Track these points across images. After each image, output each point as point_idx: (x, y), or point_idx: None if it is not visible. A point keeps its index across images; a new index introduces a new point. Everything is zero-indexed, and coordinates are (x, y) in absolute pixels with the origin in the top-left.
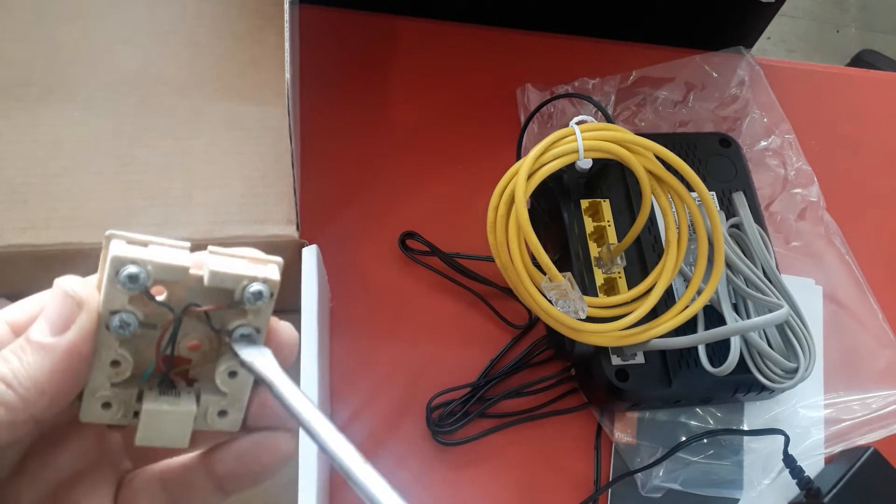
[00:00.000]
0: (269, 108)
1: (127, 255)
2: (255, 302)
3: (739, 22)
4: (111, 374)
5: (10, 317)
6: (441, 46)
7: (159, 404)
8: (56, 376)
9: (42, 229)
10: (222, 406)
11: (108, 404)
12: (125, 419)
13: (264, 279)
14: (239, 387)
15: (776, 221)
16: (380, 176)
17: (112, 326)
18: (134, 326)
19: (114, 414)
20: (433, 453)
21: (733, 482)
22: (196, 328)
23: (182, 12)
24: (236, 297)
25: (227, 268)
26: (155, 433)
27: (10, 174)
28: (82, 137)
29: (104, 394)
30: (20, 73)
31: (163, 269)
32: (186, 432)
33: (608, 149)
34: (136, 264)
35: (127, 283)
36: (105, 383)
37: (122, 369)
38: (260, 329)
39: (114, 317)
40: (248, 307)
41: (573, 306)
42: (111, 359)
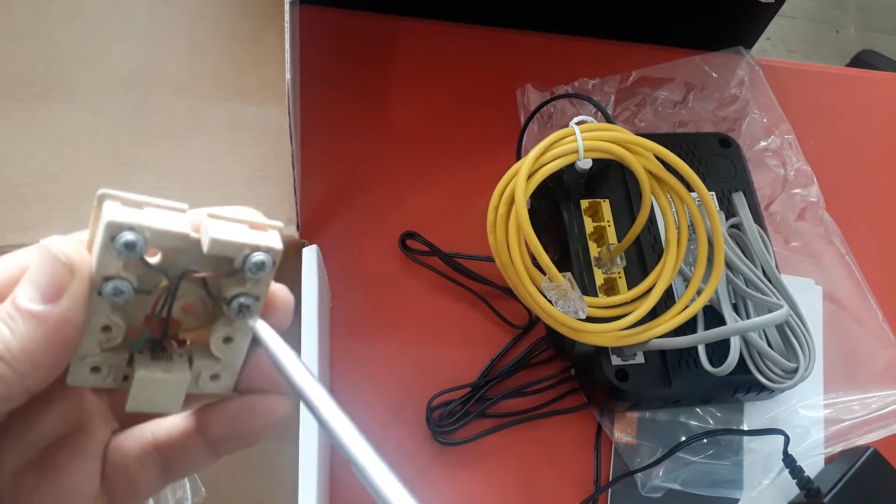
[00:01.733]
0: (270, 108)
1: (123, 220)
2: (257, 272)
3: (739, 22)
4: (102, 339)
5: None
6: (441, 46)
7: (152, 371)
8: (50, 347)
9: (42, 229)
10: (215, 370)
11: (98, 368)
12: (115, 383)
13: (267, 248)
14: (233, 352)
15: (776, 221)
16: (380, 176)
17: (105, 293)
18: (128, 294)
19: (103, 378)
20: (433, 453)
21: (733, 482)
22: (190, 290)
23: (182, 12)
24: (236, 265)
25: (228, 235)
26: (146, 400)
27: (10, 174)
28: (82, 137)
29: (94, 359)
30: (20, 72)
31: (161, 236)
32: (179, 398)
33: (608, 149)
34: (133, 230)
35: (123, 250)
36: (95, 349)
37: (113, 335)
38: (259, 297)
39: (107, 283)
40: (249, 276)
41: (573, 306)
42: (102, 324)
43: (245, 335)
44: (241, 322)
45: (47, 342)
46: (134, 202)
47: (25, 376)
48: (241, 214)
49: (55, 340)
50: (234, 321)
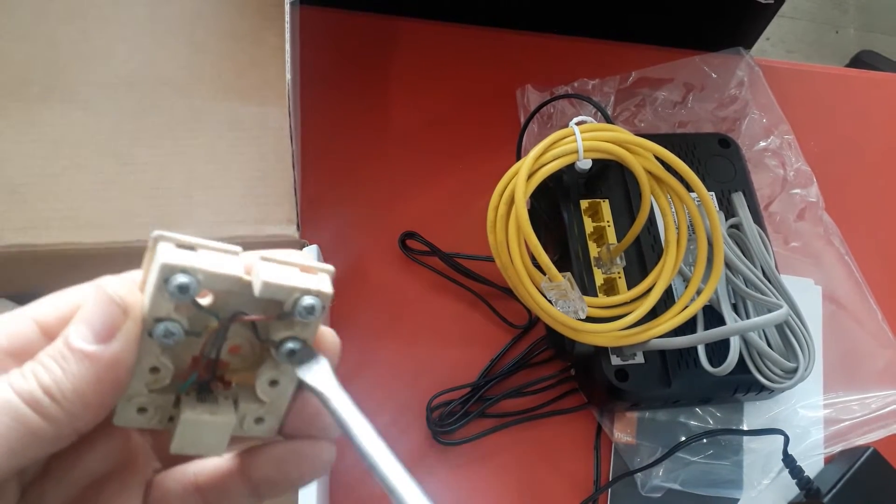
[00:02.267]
0: (270, 108)
1: (177, 262)
2: (307, 316)
3: (739, 23)
4: (149, 380)
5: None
6: (441, 47)
7: (198, 413)
8: (101, 388)
9: (42, 229)
10: (260, 413)
11: (144, 409)
12: (160, 424)
13: (317, 292)
14: (279, 395)
15: (775, 222)
16: (380, 176)
17: (156, 334)
18: (179, 336)
19: (149, 419)
20: (433, 453)
21: (733, 482)
22: (239, 332)
23: (182, 12)
24: (286, 309)
25: (280, 279)
26: (191, 442)
27: (10, 174)
28: (82, 137)
29: (141, 400)
30: (20, 72)
31: (214, 279)
32: (224, 441)
33: (608, 149)
34: (186, 273)
35: (176, 293)
36: (142, 389)
37: (161, 376)
38: (307, 341)
39: (158, 325)
40: (298, 320)
41: (573, 306)
42: (151, 365)
43: (291, 379)
44: (287, 366)
45: (98, 383)
46: (187, 244)
47: (76, 417)
48: (292, 258)
49: (106, 381)
50: (280, 365)
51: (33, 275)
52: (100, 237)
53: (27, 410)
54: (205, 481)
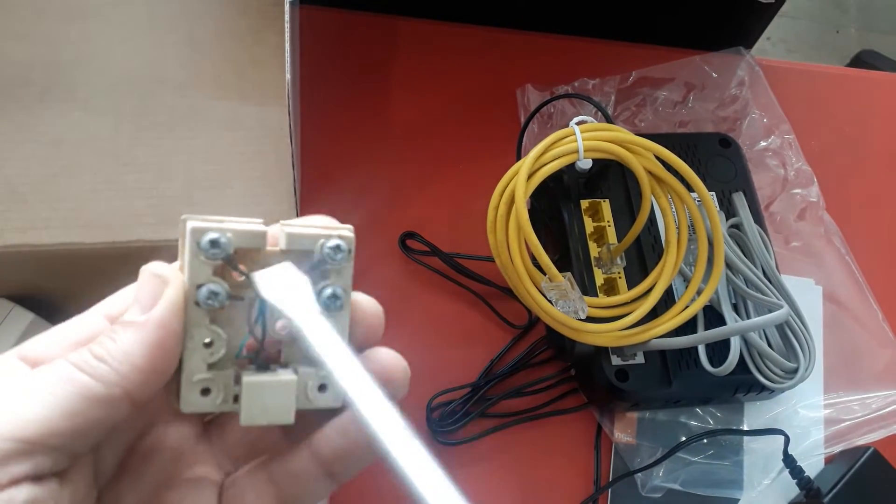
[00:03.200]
0: (269, 108)
1: (206, 225)
2: (336, 256)
3: (739, 22)
4: (206, 355)
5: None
6: (441, 46)
7: (259, 377)
8: (148, 350)
9: (42, 229)
10: (321, 379)
11: (208, 390)
12: (226, 405)
13: (340, 235)
14: None
15: (776, 222)
16: (380, 176)
17: (200, 299)
18: (223, 295)
19: (214, 400)
20: (433, 453)
21: (733, 482)
22: None
23: (182, 12)
24: (315, 258)
25: (303, 231)
26: (259, 409)
27: (10, 174)
28: (82, 137)
29: (202, 377)
30: (20, 72)
31: (242, 235)
32: (290, 405)
33: (608, 149)
34: (216, 231)
35: (209, 248)
36: (201, 366)
37: (216, 348)
38: (345, 289)
39: (201, 289)
40: (330, 265)
41: (573, 306)
42: (204, 338)
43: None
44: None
45: (145, 345)
46: (213, 218)
47: (126, 378)
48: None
49: (152, 344)
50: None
51: (33, 275)
52: (100, 237)
53: (78, 373)
54: (277, 472)
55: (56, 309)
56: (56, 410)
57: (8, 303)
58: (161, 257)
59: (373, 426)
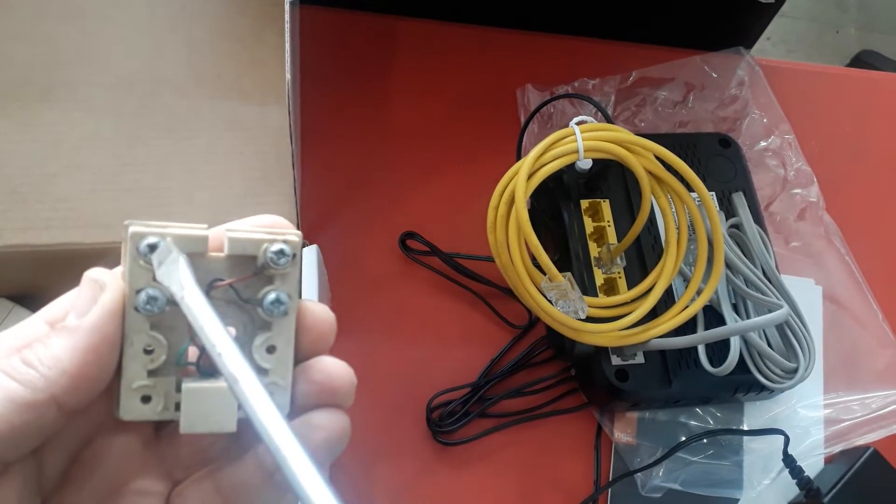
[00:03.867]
0: (270, 108)
1: (145, 229)
2: (279, 261)
3: (739, 22)
4: (146, 361)
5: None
6: (441, 46)
7: (199, 383)
8: (78, 355)
9: (42, 229)
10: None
11: (148, 397)
12: (167, 412)
13: (284, 240)
14: (279, 362)
15: (776, 222)
16: (380, 176)
17: (139, 304)
18: (162, 301)
19: (155, 407)
20: (433, 453)
21: (733, 482)
22: (228, 313)
23: (182, 12)
24: (259, 263)
25: (247, 235)
26: (199, 417)
27: (10, 174)
28: (82, 137)
29: (141, 384)
30: (20, 72)
31: (182, 241)
32: (231, 412)
33: (608, 149)
34: (154, 236)
35: (148, 253)
36: (141, 372)
37: (156, 355)
38: (290, 294)
39: (139, 294)
40: (274, 270)
41: (573, 306)
42: (143, 344)
43: (287, 340)
44: (278, 323)
45: (75, 350)
46: (157, 224)
47: (52, 382)
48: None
49: (84, 349)
50: (272, 324)
51: (33, 275)
52: (100, 237)
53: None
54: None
55: None
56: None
57: (8, 303)
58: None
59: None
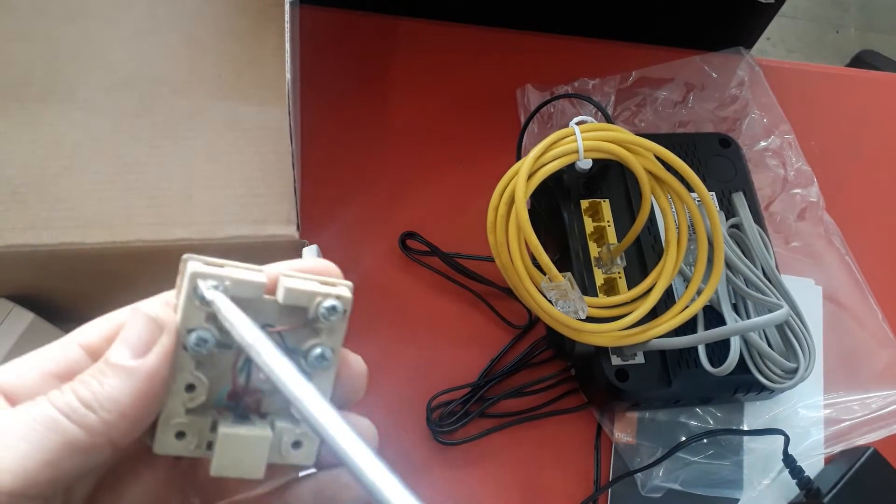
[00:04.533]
0: (269, 108)
1: (205, 270)
2: (330, 317)
3: (739, 22)
4: (186, 399)
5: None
6: (441, 46)
7: (235, 429)
8: (137, 399)
9: (42, 229)
10: (297, 436)
11: (183, 433)
12: (199, 450)
13: (338, 296)
14: None
15: (776, 222)
16: (380, 176)
17: (189, 344)
18: (211, 343)
19: (188, 445)
20: (433, 453)
21: (733, 482)
22: None
23: (182, 12)
24: (310, 315)
25: (302, 286)
26: (230, 461)
27: (10, 174)
28: (82, 137)
29: (179, 421)
30: (20, 72)
31: (240, 285)
32: (262, 460)
33: (608, 149)
34: (213, 278)
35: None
36: (180, 410)
37: (197, 393)
38: (334, 350)
39: (191, 334)
40: (322, 325)
41: (573, 306)
42: (186, 382)
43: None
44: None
45: (135, 395)
46: (215, 262)
47: (112, 427)
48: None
49: (142, 393)
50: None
51: (33, 275)
52: (100, 237)
53: (64, 420)
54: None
55: (56, 309)
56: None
57: (8, 303)
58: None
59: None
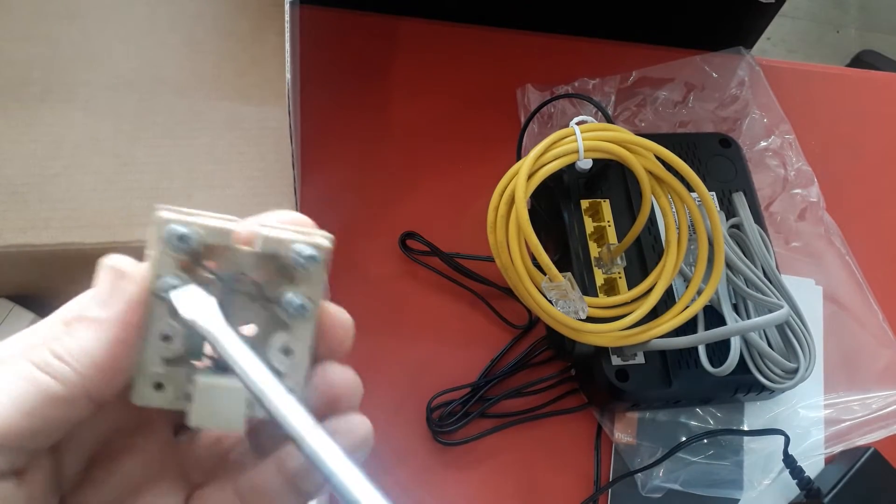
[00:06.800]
0: (270, 108)
1: (176, 217)
2: (308, 266)
3: (739, 22)
4: (162, 349)
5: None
6: (441, 46)
7: (214, 379)
8: (108, 348)
9: (42, 229)
10: None
11: (161, 385)
12: (178, 402)
13: (315, 244)
14: (295, 365)
15: (776, 222)
16: (380, 176)
17: (160, 290)
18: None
19: (167, 396)
20: (433, 453)
21: (733, 482)
22: (249, 308)
23: (182, 12)
24: (286, 262)
25: (279, 234)
26: (208, 412)
27: (10, 174)
28: (82, 137)
29: (156, 371)
30: (20, 72)
31: (213, 232)
32: (240, 411)
33: (608, 149)
34: (185, 225)
35: (176, 241)
36: (156, 359)
37: (173, 345)
38: (313, 299)
39: (162, 279)
40: (299, 272)
41: (573, 306)
42: (161, 331)
43: (305, 344)
44: (297, 326)
45: (105, 344)
46: (186, 212)
47: (87, 378)
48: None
49: (113, 341)
50: (291, 327)
51: (33, 275)
52: (100, 237)
53: (39, 372)
54: (243, 483)
55: (56, 309)
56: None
57: (8, 303)
58: None
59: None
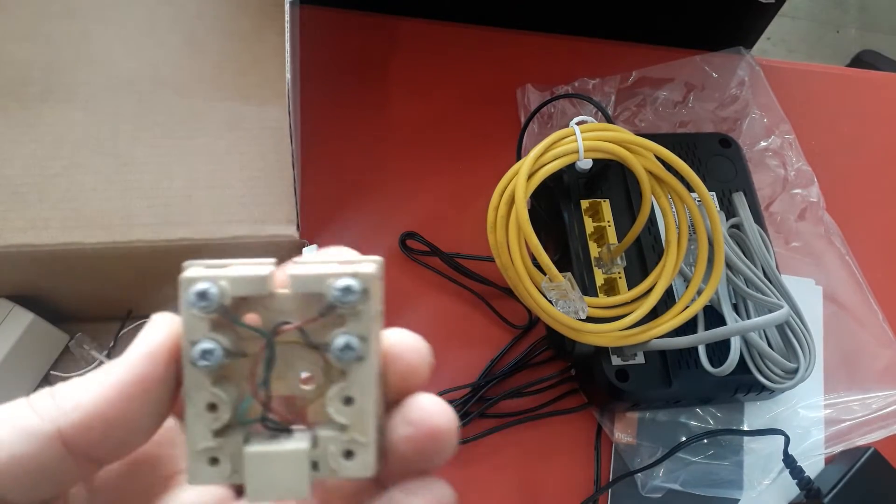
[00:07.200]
0: (270, 108)
1: (197, 274)
2: (346, 299)
3: (739, 22)
4: (209, 420)
5: None
6: (441, 46)
7: (265, 446)
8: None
9: (42, 229)
10: (347, 445)
11: (216, 459)
12: (237, 475)
13: (353, 273)
14: (360, 416)
15: (776, 222)
16: (380, 176)
17: (194, 357)
18: (218, 353)
19: (223, 471)
20: None
21: (733, 482)
22: (302, 356)
23: (182, 12)
24: (327, 301)
25: (308, 270)
26: (266, 483)
27: (10, 174)
28: (82, 137)
29: (208, 445)
30: (20, 73)
31: (239, 282)
32: (303, 478)
33: (608, 149)
34: (207, 280)
35: (197, 301)
36: (206, 433)
37: (220, 413)
38: (362, 336)
39: (194, 347)
40: (343, 310)
41: (573, 306)
42: (206, 401)
43: (365, 390)
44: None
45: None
46: (217, 264)
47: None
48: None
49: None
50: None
51: (33, 275)
52: (100, 237)
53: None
54: None
55: (56, 309)
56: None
57: (8, 303)
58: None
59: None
